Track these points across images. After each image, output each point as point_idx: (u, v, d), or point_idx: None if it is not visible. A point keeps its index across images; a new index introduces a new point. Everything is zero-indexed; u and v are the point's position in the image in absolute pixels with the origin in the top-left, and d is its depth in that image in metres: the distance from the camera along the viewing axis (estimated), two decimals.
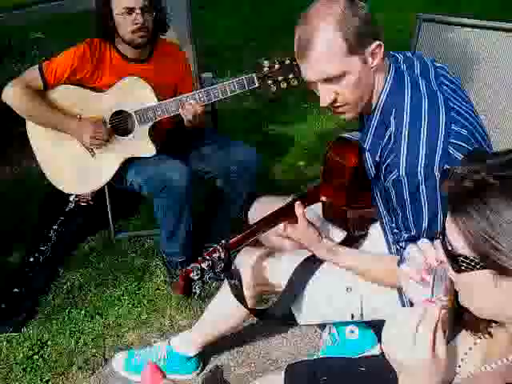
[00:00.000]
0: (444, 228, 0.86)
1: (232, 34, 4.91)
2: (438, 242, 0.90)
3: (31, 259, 2.45)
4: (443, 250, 0.86)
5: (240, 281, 1.55)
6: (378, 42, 1.33)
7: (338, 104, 1.40)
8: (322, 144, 3.29)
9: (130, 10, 2.07)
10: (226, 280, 1.55)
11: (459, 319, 0.96)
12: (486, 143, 1.43)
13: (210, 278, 1.45)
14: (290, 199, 1.59)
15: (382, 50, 1.34)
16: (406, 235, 1.40)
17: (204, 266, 1.43)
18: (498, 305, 0.83)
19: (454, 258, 0.84)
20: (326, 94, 1.38)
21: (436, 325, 0.86)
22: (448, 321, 0.93)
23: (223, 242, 1.49)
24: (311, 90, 1.44)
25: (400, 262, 1.43)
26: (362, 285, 1.58)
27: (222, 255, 1.45)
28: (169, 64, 2.28)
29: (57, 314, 2.25)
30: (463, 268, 0.83)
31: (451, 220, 0.84)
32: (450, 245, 0.84)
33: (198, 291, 1.45)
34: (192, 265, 1.44)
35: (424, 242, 0.95)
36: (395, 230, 1.45)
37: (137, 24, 2.09)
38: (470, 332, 0.98)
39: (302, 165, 3.15)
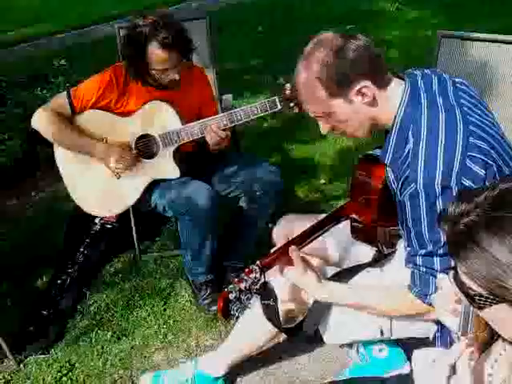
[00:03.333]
0: (455, 266, 0.87)
1: (249, 55, 4.96)
2: (452, 279, 0.91)
3: (58, 281, 2.48)
4: (458, 289, 0.88)
5: (275, 300, 1.54)
6: (363, 84, 1.35)
7: (337, 132, 1.48)
8: (343, 161, 3.29)
9: (166, 70, 2.09)
10: (257, 299, 1.55)
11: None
12: (510, 156, 1.42)
13: (247, 299, 1.46)
14: (320, 217, 1.59)
15: (370, 89, 1.36)
16: (423, 251, 1.38)
17: (242, 286, 1.45)
18: None
19: (469, 296, 0.85)
20: (322, 126, 1.48)
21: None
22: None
23: (258, 262, 1.50)
24: None
25: (412, 286, 1.42)
26: None
27: (258, 275, 1.46)
28: (194, 88, 2.29)
29: (84, 335, 2.26)
30: (481, 305, 0.84)
31: (456, 263, 0.86)
32: (463, 283, 0.86)
33: (237, 314, 1.46)
34: (230, 286, 1.46)
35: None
36: (408, 248, 1.44)
37: (172, 80, 2.12)
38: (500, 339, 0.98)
39: (323, 183, 3.15)
